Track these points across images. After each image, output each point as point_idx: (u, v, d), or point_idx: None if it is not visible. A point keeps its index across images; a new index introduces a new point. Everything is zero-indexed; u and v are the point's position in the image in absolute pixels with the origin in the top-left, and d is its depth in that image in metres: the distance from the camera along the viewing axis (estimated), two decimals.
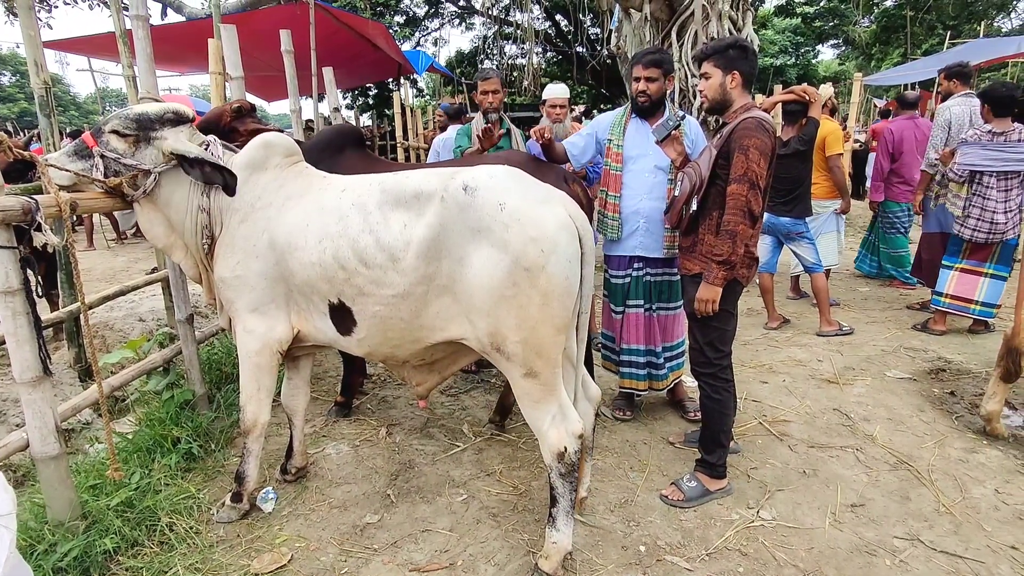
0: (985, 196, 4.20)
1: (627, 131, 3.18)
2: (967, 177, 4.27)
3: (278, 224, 2.30)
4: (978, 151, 4.19)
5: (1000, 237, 4.23)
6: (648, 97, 3.09)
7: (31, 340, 2.07)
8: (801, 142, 4.45)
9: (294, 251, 2.25)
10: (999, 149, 4.12)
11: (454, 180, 2.06)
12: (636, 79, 3.10)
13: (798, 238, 4.79)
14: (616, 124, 3.21)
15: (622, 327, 3.30)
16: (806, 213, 4.71)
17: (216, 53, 3.81)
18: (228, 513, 2.54)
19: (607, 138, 3.21)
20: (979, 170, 4.20)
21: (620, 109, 3.32)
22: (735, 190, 2.42)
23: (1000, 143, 4.12)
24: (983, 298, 4.44)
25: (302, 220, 2.27)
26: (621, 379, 3.38)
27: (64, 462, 2.24)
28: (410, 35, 20.70)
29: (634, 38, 7.08)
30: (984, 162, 4.17)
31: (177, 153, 2.24)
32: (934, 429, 3.24)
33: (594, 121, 3.37)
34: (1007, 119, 4.15)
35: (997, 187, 4.16)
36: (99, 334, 4.58)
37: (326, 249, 2.19)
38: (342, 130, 3.31)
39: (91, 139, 2.24)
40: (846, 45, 26.09)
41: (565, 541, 2.17)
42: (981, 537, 2.40)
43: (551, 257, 1.94)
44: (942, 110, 4.97)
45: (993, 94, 4.19)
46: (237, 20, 7.10)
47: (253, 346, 2.41)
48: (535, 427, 2.15)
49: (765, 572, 2.23)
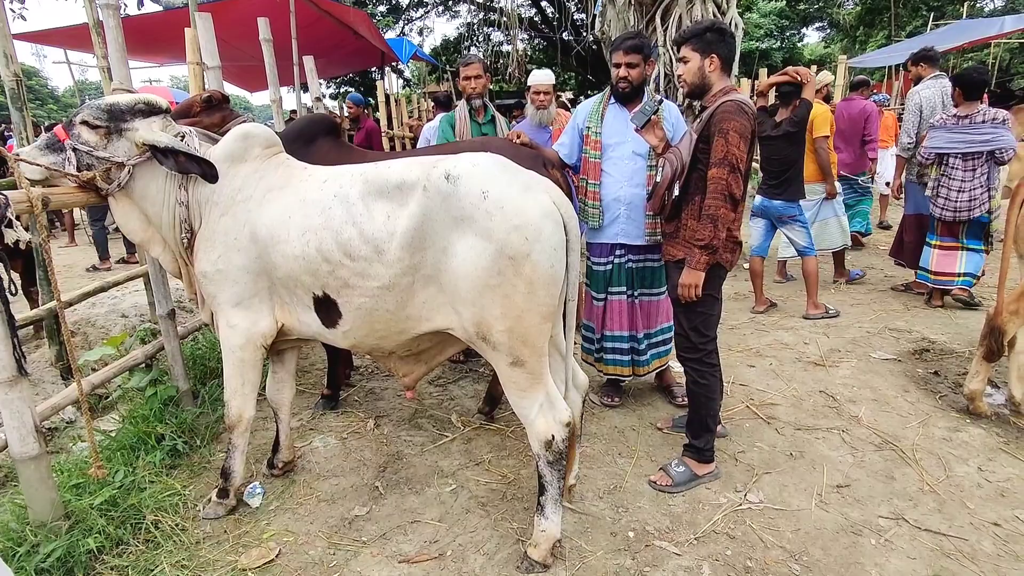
0: (951, 176, 4.44)
1: (605, 118, 3.14)
2: (934, 159, 4.53)
3: (259, 217, 2.26)
4: (943, 134, 4.43)
5: (967, 215, 4.44)
6: (629, 83, 3.06)
7: (6, 339, 2.03)
8: (792, 124, 4.46)
9: (276, 244, 2.22)
10: (963, 131, 4.35)
11: (436, 169, 2.03)
12: (617, 65, 3.07)
13: (791, 221, 4.81)
14: (594, 111, 3.18)
15: (604, 314, 3.30)
16: (799, 195, 4.73)
17: (193, 43, 3.73)
18: (215, 509, 2.53)
19: (586, 126, 3.18)
20: (944, 152, 4.44)
21: (597, 96, 3.29)
22: (715, 174, 2.41)
23: (965, 125, 4.34)
24: (964, 269, 4.63)
25: (284, 212, 2.23)
26: (605, 366, 3.38)
27: (45, 462, 2.20)
28: (393, 23, 20.46)
29: (618, 23, 7.03)
30: (948, 145, 4.41)
31: (148, 143, 2.19)
32: (918, 409, 3.28)
33: (574, 114, 3.35)
34: (975, 102, 4.33)
35: (962, 167, 4.38)
36: (81, 331, 4.52)
37: (309, 242, 2.16)
38: (314, 119, 3.25)
39: (63, 132, 2.18)
40: (831, 28, 26.11)
41: (554, 529, 2.17)
42: (964, 514, 2.43)
43: (535, 245, 1.93)
44: (912, 95, 5.09)
45: (965, 79, 4.37)
46: (214, 9, 6.96)
47: (236, 341, 2.38)
48: (522, 416, 2.14)
49: (753, 554, 2.25)
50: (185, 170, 2.20)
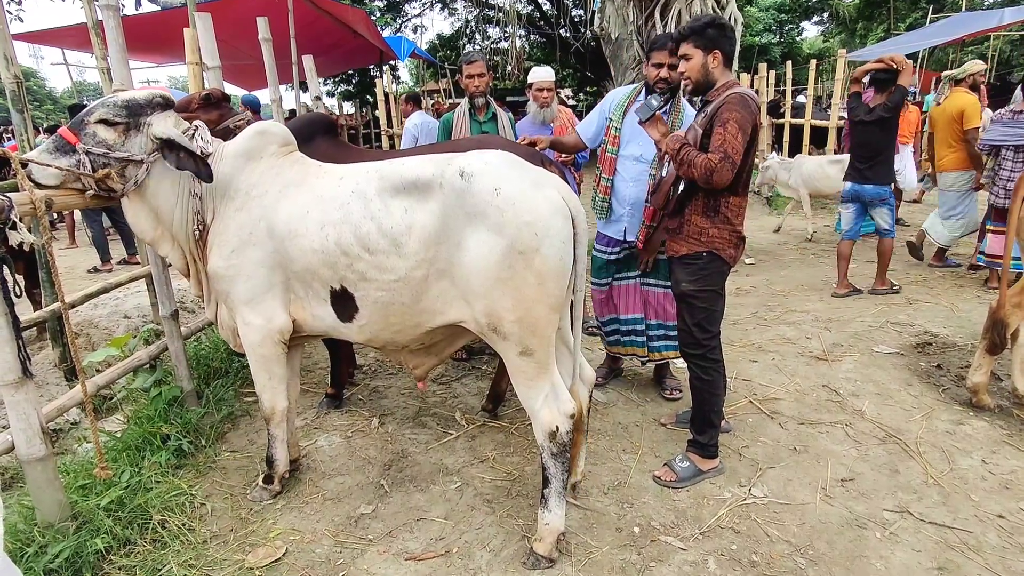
0: (1002, 167, 4.83)
1: (627, 114, 3.16)
2: (990, 151, 4.95)
3: (276, 211, 2.28)
4: (999, 128, 4.83)
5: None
6: (668, 84, 3.02)
7: (10, 341, 2.03)
8: (886, 109, 4.67)
9: (295, 238, 2.24)
10: (1014, 126, 4.72)
11: (451, 166, 2.08)
12: (658, 65, 3.00)
13: (880, 204, 4.99)
14: (620, 105, 3.19)
15: (613, 299, 3.40)
16: (889, 179, 4.94)
17: (192, 42, 3.72)
18: (260, 494, 2.63)
19: (608, 117, 3.21)
20: (998, 144, 4.83)
21: (630, 88, 3.29)
22: (706, 158, 2.37)
23: (1019, 120, 4.70)
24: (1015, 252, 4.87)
25: (302, 207, 2.26)
26: (622, 347, 3.47)
27: (51, 463, 2.21)
28: (392, 21, 20.42)
29: (617, 19, 7.01)
30: (1001, 137, 4.79)
31: (159, 137, 2.19)
32: (922, 402, 3.28)
33: (603, 100, 3.38)
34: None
35: (1013, 159, 4.76)
36: (84, 332, 4.52)
37: (328, 235, 2.19)
38: (312, 119, 3.26)
39: (70, 134, 2.13)
40: (830, 21, 26.04)
41: (558, 522, 2.19)
42: (969, 507, 2.44)
43: (545, 240, 1.97)
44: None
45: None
46: (213, 8, 6.95)
47: (255, 338, 2.41)
48: (528, 406, 2.18)
49: (758, 548, 2.26)
50: (181, 167, 2.19)
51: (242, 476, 2.80)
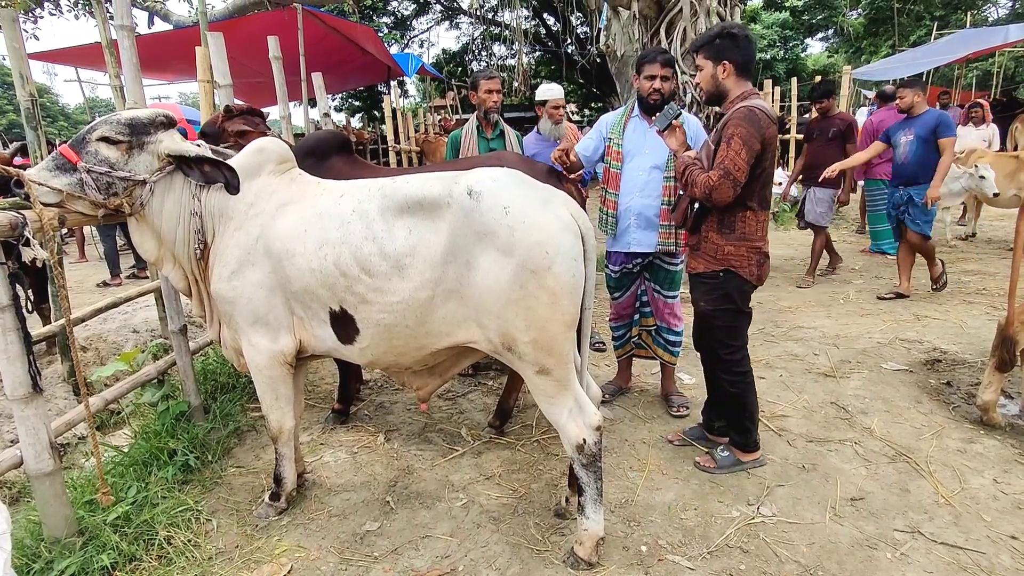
0: None
1: (626, 130, 3.23)
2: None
3: (273, 230, 2.26)
4: None
5: None
6: (661, 95, 3.09)
7: (22, 356, 2.05)
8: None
9: (292, 257, 2.22)
10: None
11: (458, 185, 2.07)
12: (650, 77, 3.09)
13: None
14: (616, 123, 3.27)
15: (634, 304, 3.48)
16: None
17: (204, 61, 3.79)
18: (266, 510, 2.62)
19: (607, 137, 3.26)
20: None
21: (621, 109, 3.38)
22: (707, 176, 2.45)
23: None
24: None
25: (299, 226, 2.24)
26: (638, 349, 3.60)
27: (59, 478, 2.22)
28: (399, 38, 20.67)
29: (623, 36, 7.09)
30: None
31: (177, 154, 2.19)
32: (931, 420, 3.25)
33: (598, 123, 3.42)
34: None
35: None
36: (93, 346, 4.55)
37: (327, 255, 2.17)
38: (326, 136, 3.29)
39: (71, 152, 2.07)
40: (835, 37, 26.19)
41: (596, 527, 2.21)
42: (981, 527, 2.41)
43: (556, 258, 1.97)
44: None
45: None
46: (224, 27, 7.06)
47: (260, 360, 2.39)
48: (554, 422, 2.19)
49: (767, 569, 2.23)
50: (212, 179, 2.19)
51: (248, 492, 2.80)
